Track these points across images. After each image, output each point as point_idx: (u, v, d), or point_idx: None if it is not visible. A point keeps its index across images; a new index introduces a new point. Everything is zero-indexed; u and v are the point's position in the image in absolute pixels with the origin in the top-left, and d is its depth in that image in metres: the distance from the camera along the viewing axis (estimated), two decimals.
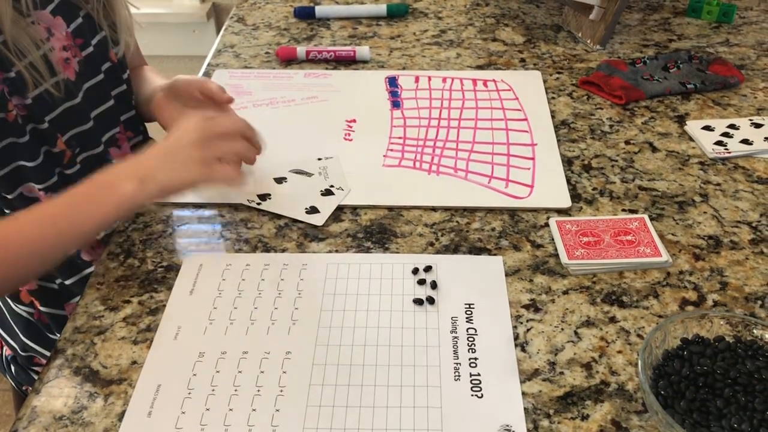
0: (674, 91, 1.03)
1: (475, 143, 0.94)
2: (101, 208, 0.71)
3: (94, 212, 0.71)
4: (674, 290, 0.72)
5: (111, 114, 0.91)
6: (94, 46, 0.87)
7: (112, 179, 0.72)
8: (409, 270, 0.74)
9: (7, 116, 0.77)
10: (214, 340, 0.68)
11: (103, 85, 0.89)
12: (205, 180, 0.73)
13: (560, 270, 0.75)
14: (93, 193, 0.71)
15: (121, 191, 0.71)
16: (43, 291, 0.92)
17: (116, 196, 0.71)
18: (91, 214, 0.71)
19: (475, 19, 1.26)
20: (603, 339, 0.68)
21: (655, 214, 0.82)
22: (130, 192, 0.71)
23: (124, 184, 0.71)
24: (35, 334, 0.97)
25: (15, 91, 0.77)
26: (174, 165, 0.72)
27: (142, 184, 0.71)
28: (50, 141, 0.82)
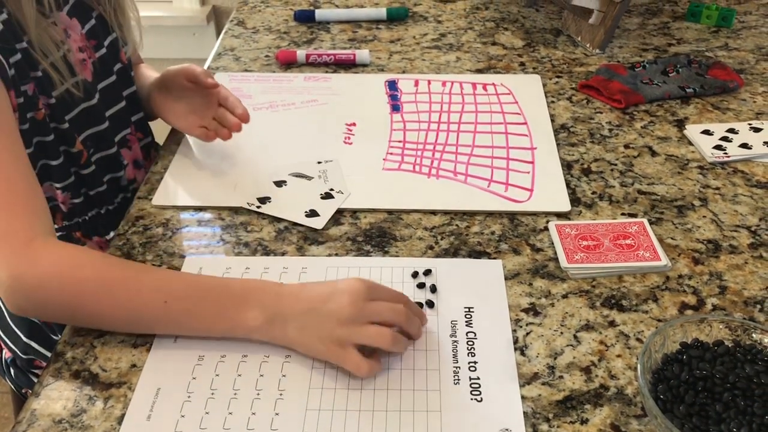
0: (673, 96, 1.03)
1: (475, 147, 0.94)
2: (219, 319, 0.66)
3: (208, 318, 0.66)
4: (673, 294, 0.72)
5: (123, 114, 0.92)
6: (107, 47, 0.88)
7: (248, 298, 0.66)
8: (408, 273, 0.75)
9: (37, 115, 0.78)
10: (213, 343, 0.67)
11: (116, 86, 0.91)
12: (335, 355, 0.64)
13: (560, 274, 0.75)
14: (220, 300, 0.66)
15: (246, 316, 0.65)
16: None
17: (238, 318, 0.66)
18: (205, 318, 0.66)
19: (475, 23, 1.26)
20: (602, 343, 0.68)
21: (655, 218, 0.82)
22: (251, 326, 0.66)
23: (254, 311, 0.65)
24: (40, 335, 0.97)
25: (42, 90, 0.79)
26: (310, 330, 0.65)
27: (270, 326, 0.65)
28: (69, 141, 0.84)
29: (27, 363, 1.00)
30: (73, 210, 0.90)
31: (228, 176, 0.88)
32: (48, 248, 0.67)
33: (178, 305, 0.66)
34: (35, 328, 0.96)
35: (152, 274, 0.69)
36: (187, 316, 0.66)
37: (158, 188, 0.86)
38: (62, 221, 0.90)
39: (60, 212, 0.89)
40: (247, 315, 0.65)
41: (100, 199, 0.91)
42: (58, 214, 0.89)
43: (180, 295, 0.66)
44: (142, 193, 0.87)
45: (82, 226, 0.92)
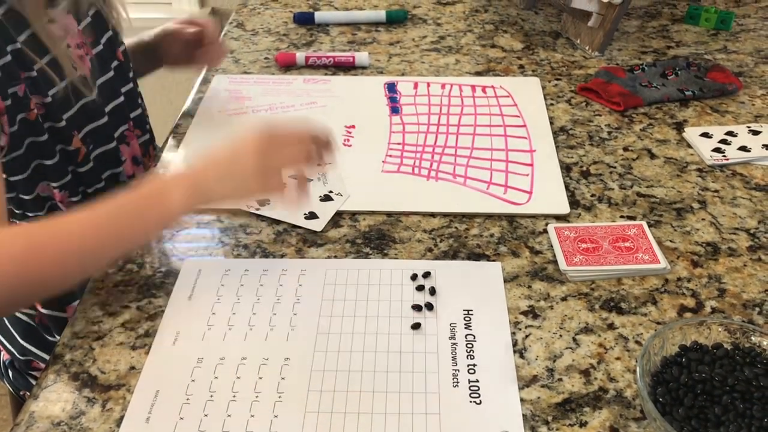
0: (672, 98, 1.04)
1: (474, 149, 0.94)
2: (147, 220, 0.69)
3: (138, 223, 0.69)
4: (672, 297, 0.72)
5: (121, 110, 0.93)
6: (103, 44, 0.90)
7: (162, 188, 0.69)
8: (407, 276, 0.74)
9: (29, 115, 0.78)
10: (212, 345, 0.67)
11: (114, 82, 0.92)
12: (261, 194, 0.71)
13: (559, 276, 0.75)
14: (141, 203, 0.68)
15: (170, 202, 0.68)
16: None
17: (164, 207, 0.68)
18: (136, 224, 0.68)
19: (474, 26, 1.26)
20: (601, 345, 0.68)
21: (654, 220, 0.82)
22: (178, 203, 0.68)
23: (174, 194, 0.68)
24: (35, 337, 0.97)
25: (35, 90, 0.79)
26: (231, 176, 0.69)
27: (194, 194, 0.69)
28: (66, 139, 0.84)
29: (25, 364, 1.00)
30: (72, 209, 0.89)
31: None
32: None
33: (109, 233, 0.68)
34: (31, 329, 0.96)
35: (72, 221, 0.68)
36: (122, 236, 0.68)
37: None
38: None
39: (59, 210, 0.89)
40: (170, 205, 0.68)
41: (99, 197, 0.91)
42: (58, 213, 0.89)
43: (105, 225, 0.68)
44: None
45: None
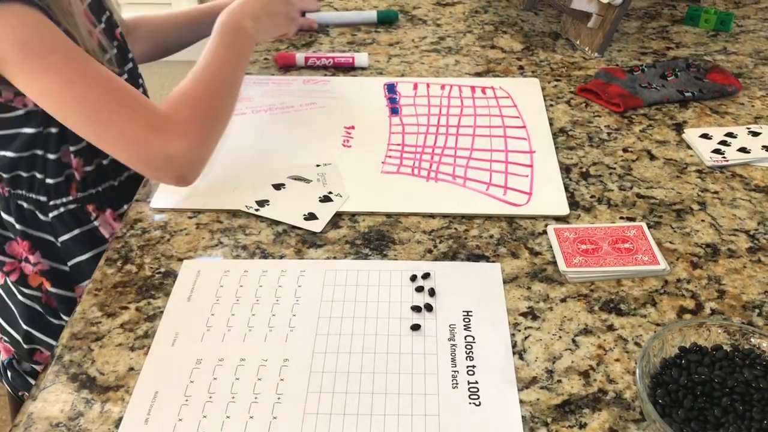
0: (672, 99, 1.04)
1: (474, 150, 0.94)
2: (246, 45, 0.93)
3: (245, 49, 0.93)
4: (672, 298, 0.72)
5: None
6: (104, 23, 0.94)
7: (238, 20, 0.93)
8: (407, 277, 0.74)
9: None
10: (211, 347, 0.67)
11: (116, 61, 0.95)
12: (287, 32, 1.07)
13: (558, 278, 0.75)
14: (238, 37, 0.92)
15: (249, 30, 0.93)
16: (54, 272, 0.95)
17: (248, 34, 0.93)
18: (245, 50, 0.93)
19: (474, 27, 1.26)
20: (601, 347, 0.68)
21: (653, 221, 0.82)
22: (252, 29, 0.93)
23: (247, 23, 0.93)
24: (40, 322, 0.98)
25: None
26: (272, 17, 0.99)
27: (255, 24, 0.94)
28: None
29: (28, 354, 0.99)
30: (86, 180, 0.93)
31: (227, 179, 0.88)
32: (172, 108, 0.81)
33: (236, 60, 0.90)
34: (35, 313, 0.97)
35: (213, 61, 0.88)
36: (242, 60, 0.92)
37: (156, 191, 0.86)
38: (76, 192, 0.93)
39: (74, 181, 0.92)
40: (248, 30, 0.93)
41: (113, 169, 0.95)
42: (73, 184, 0.92)
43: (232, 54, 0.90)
44: (140, 196, 0.87)
45: (95, 198, 0.95)
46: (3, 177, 0.91)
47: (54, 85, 0.75)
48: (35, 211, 0.93)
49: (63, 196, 0.93)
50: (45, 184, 0.91)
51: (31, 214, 0.93)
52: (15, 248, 0.96)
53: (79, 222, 0.95)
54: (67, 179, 0.92)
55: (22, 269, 0.96)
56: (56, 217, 0.93)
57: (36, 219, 0.93)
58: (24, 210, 0.93)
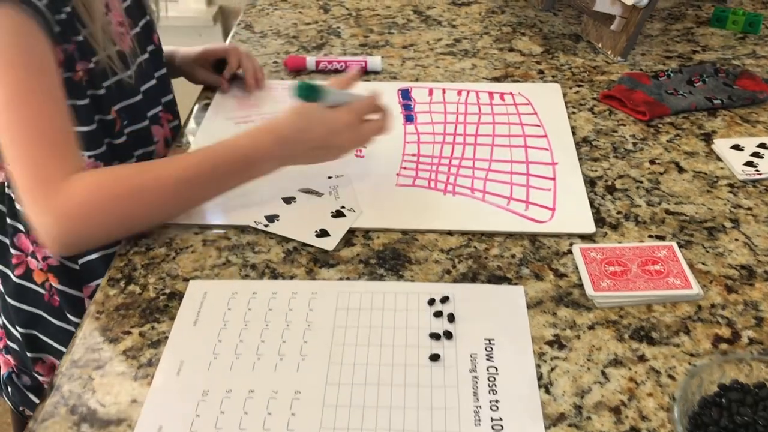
0: (700, 107, 0.99)
1: (493, 161, 0.90)
2: (241, 179, 0.79)
3: (233, 180, 0.79)
4: (706, 326, 0.68)
5: (154, 93, 0.95)
6: (141, 27, 0.93)
7: (259, 157, 0.79)
8: (425, 300, 0.70)
9: (74, 76, 0.81)
10: (218, 376, 0.64)
11: (148, 65, 0.94)
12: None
13: (585, 302, 0.70)
14: (238, 164, 0.78)
15: (259, 171, 0.80)
16: (63, 269, 0.92)
17: (257, 173, 0.80)
18: (230, 181, 0.79)
19: (491, 28, 1.21)
20: (632, 380, 0.63)
21: (684, 240, 0.78)
22: (268, 171, 0.81)
23: (268, 165, 0.80)
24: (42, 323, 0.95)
25: (81, 55, 0.81)
26: (316, 157, 0.83)
27: (281, 164, 0.81)
28: (105, 109, 0.86)
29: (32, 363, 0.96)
30: None
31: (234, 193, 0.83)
32: (79, 181, 0.72)
33: (201, 186, 0.77)
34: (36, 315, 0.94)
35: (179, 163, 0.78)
36: (209, 191, 0.79)
37: None
38: None
39: None
40: (258, 173, 0.80)
41: None
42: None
43: (199, 178, 0.77)
44: None
45: None
46: None
47: None
48: None
49: None
50: None
51: None
52: (23, 241, 0.93)
53: None
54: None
55: (28, 264, 0.93)
56: None
57: None
58: None
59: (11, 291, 0.95)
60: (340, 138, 0.81)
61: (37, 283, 0.94)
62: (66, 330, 0.96)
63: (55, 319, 0.96)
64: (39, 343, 0.97)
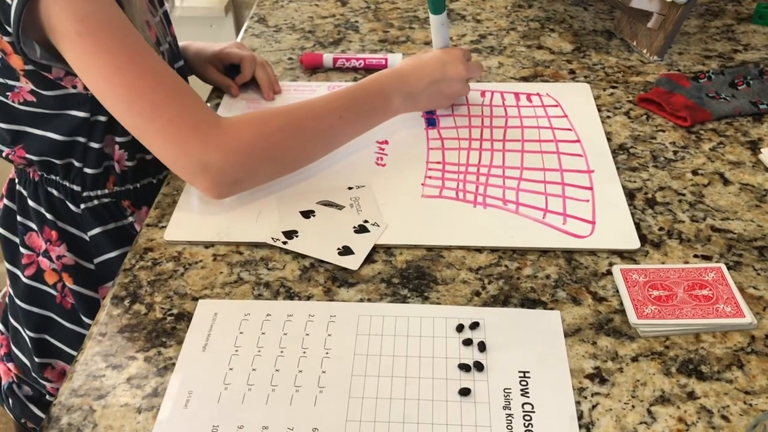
0: (744, 112, 0.92)
1: (524, 169, 0.84)
2: (376, 114, 0.85)
3: (370, 115, 0.84)
4: (761, 359, 0.62)
5: None
6: (161, 16, 0.89)
7: (386, 91, 0.84)
8: (452, 326, 0.65)
9: None
10: (229, 409, 0.59)
11: (168, 55, 0.90)
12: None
13: (627, 330, 0.65)
14: (371, 100, 0.84)
15: (393, 104, 0.85)
16: (78, 269, 0.89)
17: (388, 107, 0.85)
18: (368, 116, 0.84)
19: (518, 23, 1.15)
20: (681, 420, 0.58)
21: (732, 261, 0.72)
22: (397, 106, 0.85)
23: (395, 98, 0.85)
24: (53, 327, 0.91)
25: None
26: (434, 96, 0.88)
27: (407, 101, 0.86)
28: None
29: (39, 369, 0.92)
30: (126, 174, 0.88)
31: (248, 204, 0.78)
32: (233, 122, 0.75)
33: (348, 116, 0.81)
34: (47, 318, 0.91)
35: (323, 101, 0.81)
36: (356, 122, 0.83)
37: (170, 220, 0.77)
38: (113, 186, 0.88)
39: (113, 174, 0.87)
40: (392, 104, 0.85)
41: (154, 166, 0.90)
42: (111, 177, 0.87)
43: (345, 108, 0.81)
44: (151, 220, 0.78)
45: (133, 194, 0.89)
46: (34, 161, 0.84)
47: (104, 69, 0.70)
48: (65, 201, 0.87)
49: (99, 188, 0.87)
50: (82, 173, 0.85)
51: (61, 204, 0.87)
52: (35, 240, 0.89)
53: (113, 216, 0.89)
54: (105, 171, 0.86)
55: (39, 264, 0.89)
56: (88, 209, 0.88)
57: (65, 209, 0.88)
58: (53, 198, 0.87)
59: (21, 293, 0.91)
60: (454, 68, 0.88)
61: (48, 284, 0.90)
62: (79, 333, 0.92)
63: (68, 322, 0.92)
64: (49, 348, 0.93)
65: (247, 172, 0.75)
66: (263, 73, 0.97)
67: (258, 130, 0.75)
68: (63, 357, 0.93)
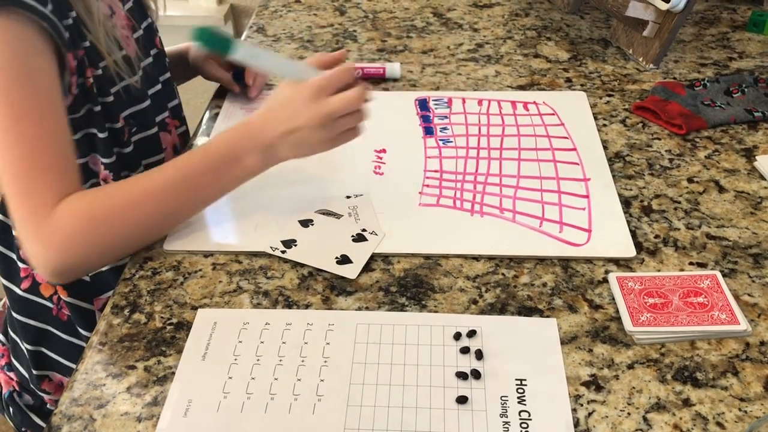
0: (740, 120, 0.93)
1: (521, 177, 0.84)
2: (226, 180, 0.75)
3: (214, 185, 0.75)
4: (756, 366, 0.63)
5: (160, 98, 0.91)
6: (143, 30, 0.89)
7: (237, 152, 0.74)
8: (450, 335, 0.65)
9: (86, 82, 0.78)
10: (228, 418, 0.59)
11: (152, 69, 0.90)
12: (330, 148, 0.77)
13: (623, 338, 0.65)
14: (218, 166, 0.74)
15: (246, 165, 0.75)
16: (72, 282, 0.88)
17: (241, 170, 0.75)
18: (211, 186, 0.75)
19: (515, 32, 1.16)
20: (677, 427, 0.58)
21: (727, 269, 0.72)
22: (253, 166, 0.75)
23: (249, 158, 0.74)
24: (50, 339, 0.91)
25: (90, 61, 0.78)
26: (299, 145, 0.75)
27: (266, 157, 0.75)
28: (113, 116, 0.83)
29: (37, 381, 0.93)
30: None
31: (247, 214, 0.79)
32: (66, 210, 0.70)
33: (185, 193, 0.74)
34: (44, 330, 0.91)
35: (155, 178, 0.74)
36: (200, 194, 0.75)
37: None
38: None
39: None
40: (246, 164, 0.74)
41: None
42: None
43: (182, 185, 0.73)
44: None
45: None
46: None
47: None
48: None
49: None
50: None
51: None
52: None
53: None
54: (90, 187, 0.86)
55: (34, 276, 0.89)
56: None
57: None
58: None
59: (18, 306, 0.91)
60: (305, 114, 0.72)
61: (44, 297, 0.90)
62: (76, 345, 0.92)
63: (65, 334, 0.92)
64: (46, 360, 0.93)
65: (73, 266, 0.72)
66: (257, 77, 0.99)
67: (80, 224, 0.70)
68: (60, 369, 0.94)
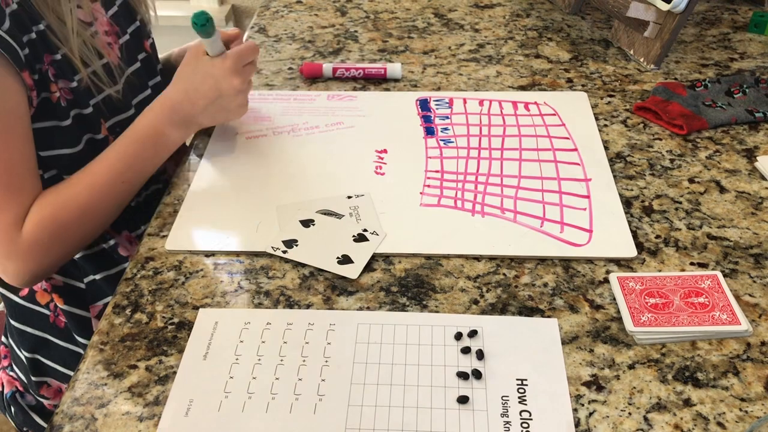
0: (741, 120, 0.93)
1: (522, 178, 0.84)
2: (158, 156, 0.82)
3: (151, 161, 0.82)
4: (757, 366, 0.63)
5: (149, 104, 0.88)
6: (130, 34, 0.88)
7: (164, 129, 0.81)
8: (451, 335, 0.66)
9: (51, 97, 0.78)
10: (229, 418, 0.59)
11: (141, 74, 0.90)
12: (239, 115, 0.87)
13: (624, 338, 0.65)
14: (147, 143, 0.80)
15: (171, 138, 0.82)
16: (68, 289, 0.89)
17: (168, 142, 0.82)
18: (151, 160, 0.82)
19: (516, 32, 1.16)
20: (678, 427, 0.58)
21: (728, 269, 0.72)
22: (177, 136, 0.82)
23: (172, 132, 0.81)
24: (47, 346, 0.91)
25: (61, 74, 0.78)
26: (219, 112, 0.84)
27: (187, 128, 0.83)
28: (94, 127, 0.83)
29: (36, 387, 0.93)
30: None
31: (248, 214, 0.79)
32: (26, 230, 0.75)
33: (130, 177, 0.80)
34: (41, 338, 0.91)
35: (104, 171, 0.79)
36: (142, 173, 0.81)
37: (171, 230, 0.77)
38: None
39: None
40: (170, 138, 0.82)
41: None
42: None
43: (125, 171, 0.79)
44: (152, 230, 0.78)
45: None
46: None
47: None
48: None
49: None
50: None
51: None
52: None
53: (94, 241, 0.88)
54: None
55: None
56: None
57: None
58: None
59: (16, 313, 0.92)
60: (228, 84, 0.81)
61: (41, 305, 0.90)
62: (73, 352, 0.92)
63: (62, 341, 0.92)
64: (43, 368, 0.93)
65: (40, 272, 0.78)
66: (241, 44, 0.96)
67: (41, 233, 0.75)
68: (57, 376, 0.94)
